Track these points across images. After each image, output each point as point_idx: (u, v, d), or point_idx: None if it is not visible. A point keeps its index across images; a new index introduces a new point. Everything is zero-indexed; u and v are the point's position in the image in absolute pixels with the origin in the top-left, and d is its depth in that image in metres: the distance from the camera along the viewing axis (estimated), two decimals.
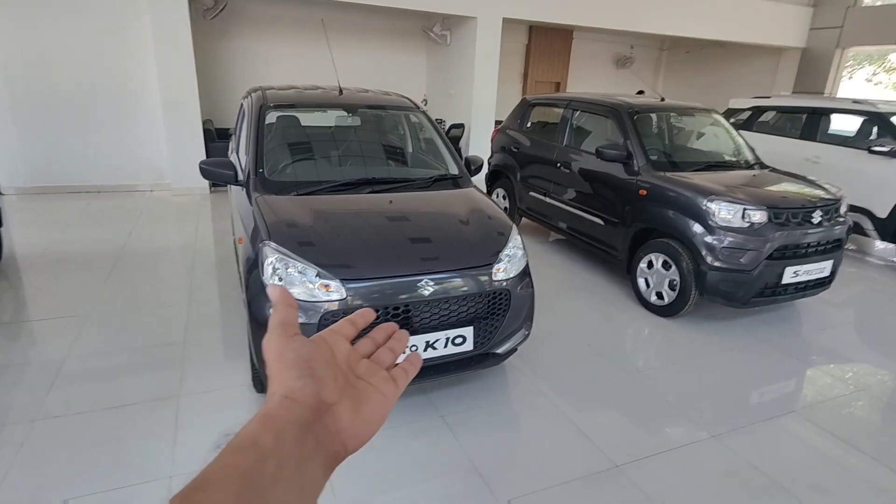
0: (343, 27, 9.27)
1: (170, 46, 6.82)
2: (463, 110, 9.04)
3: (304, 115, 3.72)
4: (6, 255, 4.76)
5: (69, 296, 4.05)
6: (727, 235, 3.71)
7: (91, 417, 2.67)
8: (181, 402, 2.82)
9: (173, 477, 2.31)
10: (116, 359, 3.23)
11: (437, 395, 3.01)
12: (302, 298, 2.44)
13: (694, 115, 5.06)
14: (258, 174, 3.10)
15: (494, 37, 8.60)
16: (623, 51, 13.84)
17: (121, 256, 4.88)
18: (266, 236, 2.59)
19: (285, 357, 0.47)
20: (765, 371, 3.48)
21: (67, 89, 6.87)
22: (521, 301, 2.89)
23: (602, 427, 2.81)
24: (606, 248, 4.67)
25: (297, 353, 0.48)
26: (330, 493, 2.27)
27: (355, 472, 2.38)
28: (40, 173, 7.03)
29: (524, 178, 5.76)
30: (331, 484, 1.92)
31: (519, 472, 2.47)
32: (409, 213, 2.92)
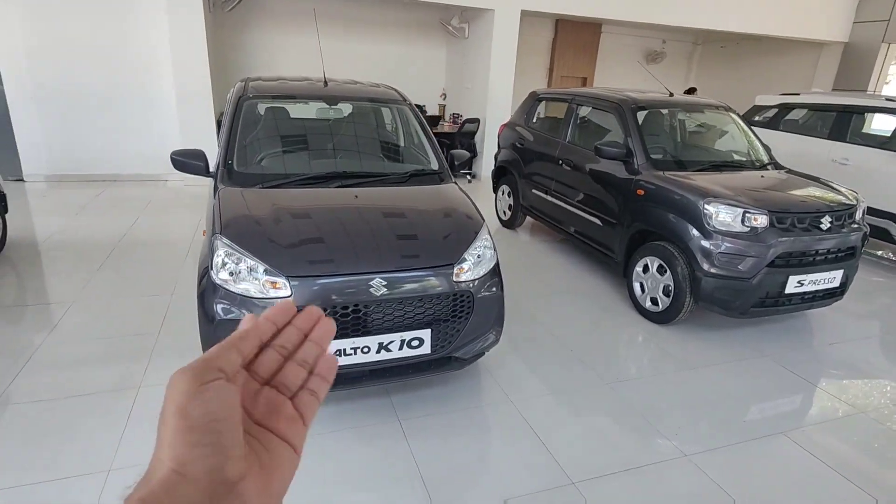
0: (362, 20, 9.23)
1: (184, 40, 6.90)
2: (478, 104, 8.87)
3: (286, 107, 3.66)
4: (13, 240, 4.91)
5: (60, 282, 4.13)
6: (725, 240, 3.47)
7: (49, 406, 2.68)
8: (140, 394, 2.81)
9: (111, 471, 2.28)
10: (89, 347, 3.25)
11: (400, 398, 2.91)
12: (251, 295, 2.38)
13: (704, 111, 4.78)
14: (226, 166, 3.06)
15: (512, 30, 8.39)
16: (654, 45, 13.37)
17: (119, 245, 4.96)
18: (218, 229, 2.53)
19: (188, 412, 0.36)
20: (758, 387, 3.24)
21: (88, 81, 7.04)
22: (488, 304, 2.75)
23: (565, 440, 2.65)
24: (604, 249, 4.46)
25: (205, 409, 0.36)
26: None
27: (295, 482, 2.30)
28: (61, 162, 7.25)
29: (528, 174, 5.58)
30: None
31: (466, 485, 2.34)
32: (371, 210, 2.82)
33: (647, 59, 13.44)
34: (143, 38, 7.11)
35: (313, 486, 2.26)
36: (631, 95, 4.54)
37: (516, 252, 5.54)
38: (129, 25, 7.02)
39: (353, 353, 2.45)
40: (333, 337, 0.47)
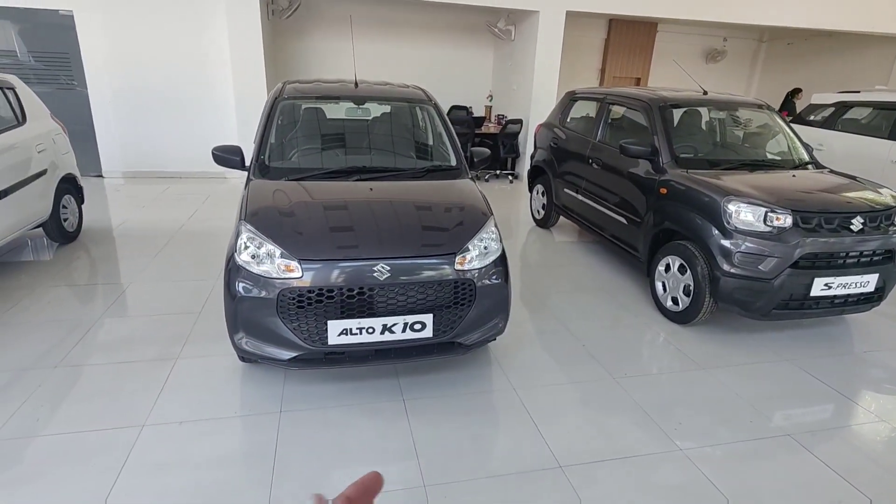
0: (412, 24, 9.52)
1: (243, 47, 7.42)
2: (523, 106, 8.93)
3: (317, 107, 3.93)
4: (88, 227, 5.50)
5: (122, 266, 4.61)
6: (745, 239, 3.40)
7: (99, 370, 3.05)
8: (176, 365, 3.13)
9: (144, 426, 2.59)
10: (138, 322, 3.64)
11: (407, 380, 3.08)
12: (270, 276, 2.62)
13: (738, 109, 4.65)
14: (259, 160, 3.35)
15: (557, 31, 8.40)
16: (714, 44, 12.87)
17: (176, 235, 5.43)
18: (244, 216, 2.80)
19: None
20: (773, 390, 3.16)
21: (157, 86, 7.72)
22: (491, 293, 2.87)
23: (561, 428, 2.73)
24: (630, 248, 4.45)
25: None
26: (267, 461, 2.44)
27: (298, 446, 2.52)
28: (135, 159, 7.98)
29: (561, 174, 5.62)
30: (271, 451, 2.07)
31: (457, 460, 2.47)
32: (383, 201, 3.00)
33: (707, 59, 12.96)
34: (206, 47, 7.70)
35: (311, 456, 2.46)
36: (662, 94, 4.50)
37: (547, 250, 5.59)
38: (194, 35, 7.63)
39: (358, 332, 2.65)
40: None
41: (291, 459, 2.43)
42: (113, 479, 2.25)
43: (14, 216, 4.22)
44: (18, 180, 4.27)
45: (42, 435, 2.50)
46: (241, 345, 2.69)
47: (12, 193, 4.18)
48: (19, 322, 3.55)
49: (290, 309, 2.59)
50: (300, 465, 2.39)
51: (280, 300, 2.58)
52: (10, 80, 4.62)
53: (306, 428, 2.64)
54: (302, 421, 2.69)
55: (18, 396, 2.77)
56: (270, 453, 2.46)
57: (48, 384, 2.89)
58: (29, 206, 4.42)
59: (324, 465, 2.40)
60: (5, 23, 7.11)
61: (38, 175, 4.55)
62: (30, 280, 4.25)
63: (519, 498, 2.26)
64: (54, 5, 7.13)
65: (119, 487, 2.21)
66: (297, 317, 2.60)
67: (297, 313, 2.60)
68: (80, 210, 5.29)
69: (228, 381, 3.00)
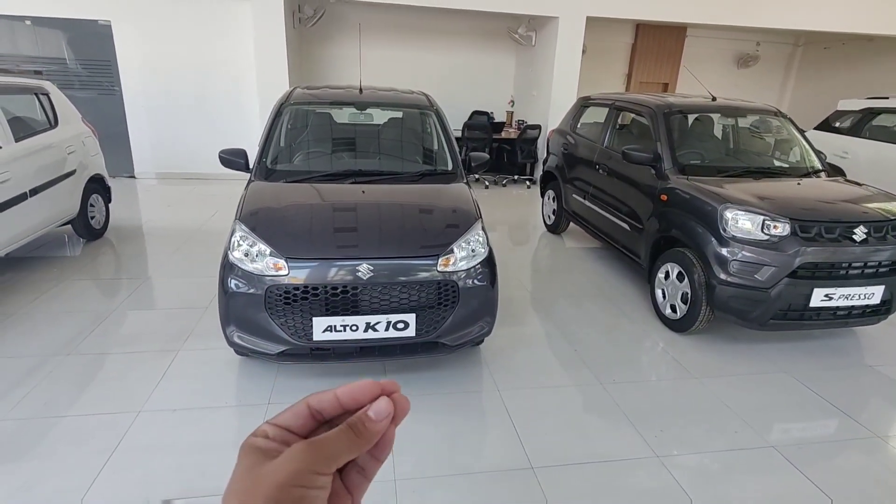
0: (434, 31, 9.65)
1: (267, 53, 7.69)
2: (543, 111, 8.93)
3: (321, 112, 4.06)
4: (114, 225, 5.80)
5: (141, 262, 4.85)
6: (742, 247, 3.35)
7: (108, 358, 3.24)
8: (177, 356, 3.29)
9: (140, 412, 2.74)
10: (149, 314, 3.84)
11: (394, 377, 3.13)
12: (260, 273, 2.74)
13: (747, 115, 4.56)
14: (260, 163, 3.49)
15: (576, 37, 8.38)
16: (746, 48, 12.55)
17: (194, 233, 5.68)
18: (238, 216, 2.94)
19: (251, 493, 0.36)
20: (765, 401, 3.10)
21: (186, 90, 8.06)
22: (475, 295, 2.92)
23: (539, 430, 2.75)
24: (632, 255, 4.42)
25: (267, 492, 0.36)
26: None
27: None
28: (165, 161, 8.35)
29: (570, 179, 5.62)
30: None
31: (431, 457, 2.53)
32: (372, 203, 3.10)
33: (738, 64, 12.65)
34: (233, 54, 8.01)
35: None
36: (668, 100, 4.46)
37: (555, 256, 5.59)
38: (222, 43, 7.95)
39: (343, 329, 2.74)
40: (404, 416, 0.45)
41: None
42: (105, 459, 2.40)
43: (44, 213, 4.50)
44: (49, 179, 4.55)
45: (47, 417, 2.68)
46: (233, 338, 2.82)
47: (43, 192, 4.46)
48: (44, 312, 3.79)
49: (278, 305, 2.71)
50: None
51: (268, 296, 2.69)
52: (45, 86, 4.94)
53: None
54: None
55: (31, 380, 2.97)
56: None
57: (59, 370, 3.09)
58: (58, 204, 4.71)
59: None
60: (57, 32, 7.58)
61: (67, 175, 4.84)
62: (57, 273, 4.52)
63: (486, 496, 2.30)
64: (94, 16, 7.55)
65: (109, 467, 2.36)
66: (284, 313, 2.71)
67: (284, 309, 2.71)
68: (106, 208, 5.59)
69: (224, 373, 3.14)
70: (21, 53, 7.61)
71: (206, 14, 7.79)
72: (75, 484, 2.26)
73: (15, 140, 4.23)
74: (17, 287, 4.18)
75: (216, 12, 7.82)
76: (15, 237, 4.11)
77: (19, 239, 4.19)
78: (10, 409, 2.72)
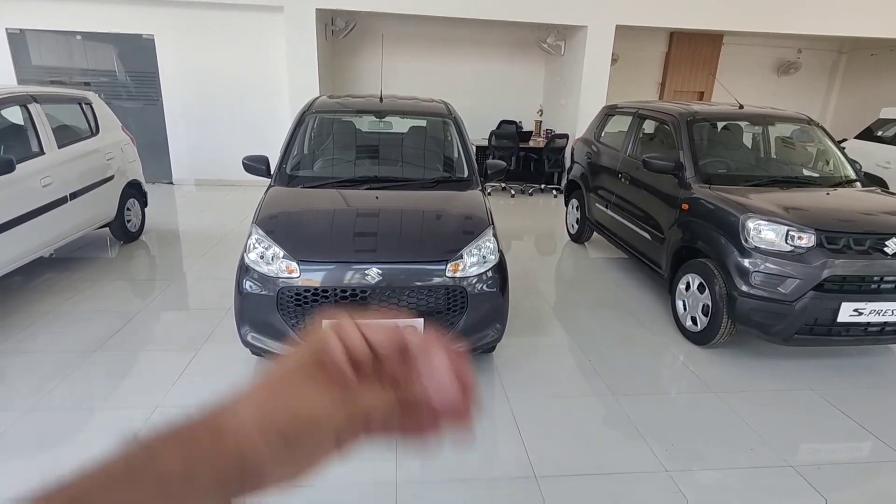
0: (464, 41, 9.73)
1: (299, 65, 7.91)
2: (571, 120, 8.87)
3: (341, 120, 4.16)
4: (150, 228, 6.05)
5: (171, 264, 5.05)
6: (765, 259, 3.24)
7: (130, 355, 3.38)
8: (197, 355, 3.40)
9: (158, 408, 2.84)
10: (174, 314, 3.98)
11: None
12: (274, 275, 2.82)
13: (776, 123, 4.42)
14: (280, 169, 3.60)
15: (605, 46, 8.31)
16: (787, 55, 12.16)
17: (223, 238, 5.86)
18: (255, 219, 3.03)
19: None
20: (788, 420, 2.97)
21: (222, 100, 8.37)
22: (485, 301, 2.92)
23: (545, 439, 2.71)
24: (653, 265, 4.33)
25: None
26: None
27: None
28: (201, 168, 8.66)
29: (593, 188, 5.55)
30: None
31: (433, 462, 2.52)
32: (385, 209, 3.14)
33: (779, 71, 12.26)
34: (266, 65, 8.28)
35: None
36: (692, 108, 4.37)
37: (578, 265, 5.53)
38: (256, 55, 8.23)
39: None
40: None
41: None
42: None
43: (83, 216, 4.74)
44: (88, 184, 4.80)
45: (72, 409, 2.81)
46: (247, 338, 2.90)
47: (82, 195, 4.70)
48: (79, 310, 3.98)
49: (289, 306, 2.77)
50: None
51: (280, 298, 2.76)
52: (88, 97, 5.23)
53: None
54: None
55: (60, 374, 3.12)
56: None
57: (86, 366, 3.23)
58: (96, 208, 4.95)
59: None
60: (106, 46, 8.01)
61: (106, 180, 5.08)
62: (94, 274, 4.74)
63: (486, 502, 2.29)
64: (139, 31, 7.95)
65: None
66: (295, 314, 2.78)
67: (295, 311, 2.77)
68: (142, 212, 5.84)
69: (240, 373, 3.22)
70: (76, 66, 8.07)
71: (242, 27, 8.09)
72: None
73: (58, 147, 4.48)
74: (56, 286, 4.41)
75: (251, 25, 8.11)
76: (55, 238, 4.34)
77: (59, 240, 4.42)
78: (39, 401, 2.86)
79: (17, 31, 7.78)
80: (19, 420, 2.69)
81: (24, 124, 4.24)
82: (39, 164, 4.18)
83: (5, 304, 4.03)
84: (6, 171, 3.63)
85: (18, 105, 4.14)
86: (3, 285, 4.34)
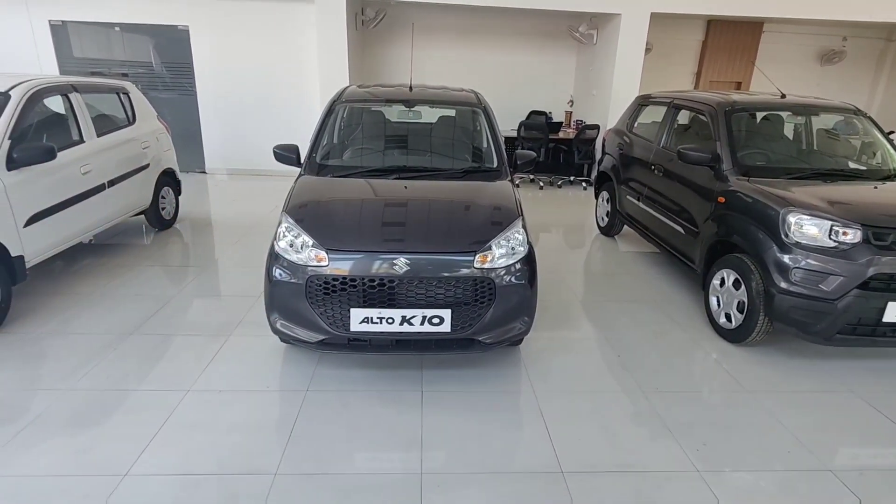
0: (494, 31, 9.61)
1: (329, 55, 7.94)
2: (602, 111, 8.69)
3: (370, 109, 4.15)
4: (184, 216, 6.19)
5: (204, 251, 5.15)
6: (806, 255, 3.11)
7: (164, 339, 3.46)
8: (228, 341, 3.46)
9: (189, 391, 2.91)
10: (204, 301, 4.06)
11: (430, 373, 3.17)
12: (303, 263, 2.83)
13: (820, 114, 4.22)
14: (310, 158, 3.62)
15: (639, 34, 8.10)
16: (831, 44, 11.65)
17: (254, 226, 5.95)
18: (285, 207, 3.06)
19: None
20: (828, 423, 2.86)
21: (253, 90, 8.48)
22: (513, 293, 2.88)
23: (573, 435, 2.67)
24: (686, 260, 4.22)
25: None
26: (284, 432, 2.64)
27: (315, 422, 2.71)
28: (233, 158, 8.81)
29: (625, 180, 5.43)
30: (290, 424, 2.28)
31: (459, 454, 2.52)
32: (413, 199, 3.13)
33: (822, 61, 11.76)
34: (297, 55, 8.36)
35: (324, 432, 2.63)
36: (730, 97, 4.22)
37: (608, 259, 5.43)
38: (287, 45, 8.31)
39: (379, 321, 2.78)
40: None
41: (306, 433, 2.61)
42: (154, 431, 2.57)
43: (120, 203, 4.86)
44: (125, 172, 4.92)
45: (108, 389, 2.90)
46: (276, 325, 2.94)
47: (119, 183, 4.82)
48: (117, 295, 4.09)
49: (318, 295, 2.79)
50: (312, 439, 2.57)
51: (308, 286, 2.78)
52: (125, 86, 5.35)
53: (326, 407, 2.82)
54: (324, 401, 2.88)
55: (97, 357, 3.22)
56: (289, 426, 2.66)
57: (122, 349, 3.33)
58: (133, 195, 5.08)
59: (332, 441, 2.56)
60: (143, 38, 8.20)
61: (142, 168, 5.21)
62: (131, 259, 4.88)
63: (510, 495, 2.27)
64: (174, 21, 8.09)
65: (156, 441, 2.51)
66: (324, 302, 2.79)
67: (324, 299, 2.79)
68: (177, 200, 5.97)
69: (269, 359, 3.27)
70: (115, 58, 8.28)
71: (273, 17, 8.16)
72: (126, 453, 2.42)
73: (97, 135, 4.60)
74: (95, 271, 4.55)
75: (283, 16, 8.17)
76: (93, 225, 4.47)
77: (97, 227, 4.54)
78: (77, 381, 2.96)
79: (60, 23, 8.02)
80: (58, 400, 2.78)
81: (66, 113, 4.36)
82: (80, 152, 4.30)
83: (48, 286, 4.18)
84: (48, 158, 3.74)
85: (60, 94, 4.26)
86: (46, 269, 4.51)
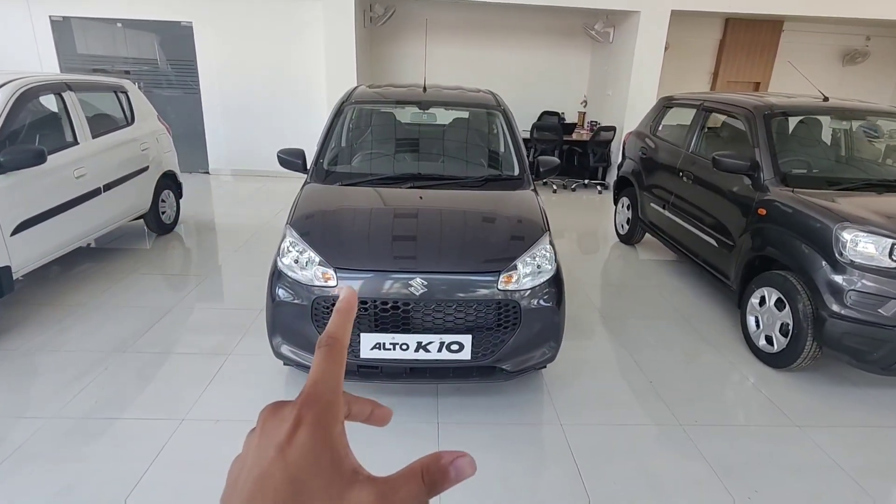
0: (506, 28, 9.33)
1: (337, 53, 7.68)
2: (618, 112, 8.39)
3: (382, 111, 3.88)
4: (185, 219, 5.95)
5: (205, 258, 4.90)
6: (862, 276, 2.82)
7: (160, 358, 3.21)
8: (227, 360, 3.21)
9: (184, 420, 2.65)
10: (203, 314, 3.81)
11: (447, 401, 2.90)
12: (308, 282, 2.58)
13: (866, 118, 3.92)
14: (317, 164, 3.35)
15: (659, 32, 7.79)
16: (854, 43, 11.28)
17: (258, 231, 5.70)
18: (289, 220, 2.80)
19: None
20: (886, 462, 2.57)
21: (259, 90, 8.23)
22: (539, 317, 2.62)
23: (606, 475, 2.40)
24: (720, 274, 3.93)
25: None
26: None
27: None
28: (237, 158, 8.57)
29: (648, 186, 5.14)
30: None
31: (479, 494, 2.25)
32: (430, 211, 2.86)
33: (844, 60, 11.40)
34: (304, 54, 8.09)
35: None
36: (769, 100, 3.92)
37: (628, 269, 5.15)
38: (293, 43, 8.05)
39: (392, 348, 2.52)
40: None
41: None
42: (144, 468, 2.32)
43: (116, 208, 4.62)
44: (123, 175, 4.68)
45: (94, 417, 2.65)
46: (279, 349, 2.68)
47: (116, 187, 4.58)
48: (111, 306, 3.85)
49: (325, 317, 2.53)
50: None
51: (314, 308, 2.52)
52: (124, 85, 5.10)
53: None
54: None
55: (86, 378, 2.97)
56: None
57: (113, 369, 3.08)
58: (130, 200, 4.83)
59: None
60: (147, 35, 7.96)
61: (140, 171, 4.96)
62: (130, 265, 4.63)
63: None
64: (177, 18, 7.85)
65: (145, 480, 2.26)
66: None
67: None
68: (177, 204, 5.73)
69: (271, 383, 3.02)
70: (117, 55, 8.04)
71: (279, 15, 7.91)
72: (111, 495, 2.17)
73: (92, 137, 4.35)
74: (93, 277, 4.32)
75: (289, 13, 7.91)
76: (87, 232, 4.23)
77: (91, 234, 4.30)
78: (62, 407, 2.71)
79: (61, 19, 7.80)
80: (41, 429, 2.54)
81: (59, 113, 4.12)
82: (73, 155, 4.06)
83: (41, 295, 3.95)
84: (37, 162, 3.49)
85: (52, 93, 4.02)
86: (42, 275, 4.28)
